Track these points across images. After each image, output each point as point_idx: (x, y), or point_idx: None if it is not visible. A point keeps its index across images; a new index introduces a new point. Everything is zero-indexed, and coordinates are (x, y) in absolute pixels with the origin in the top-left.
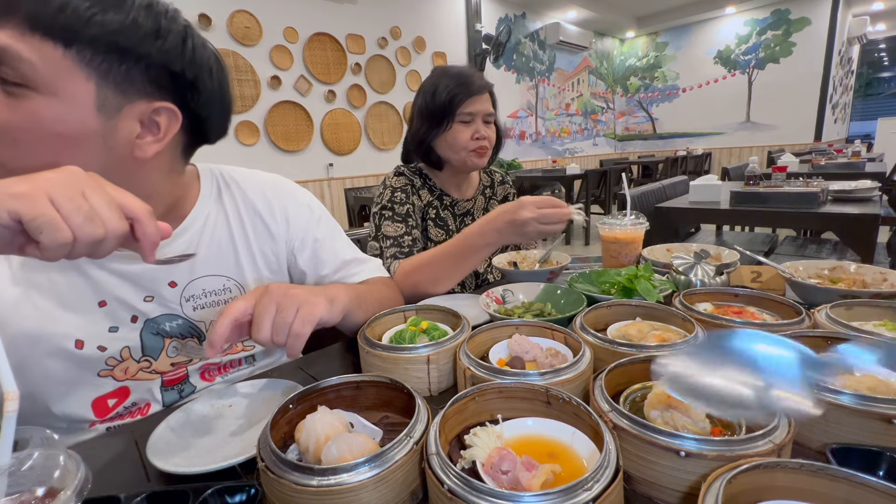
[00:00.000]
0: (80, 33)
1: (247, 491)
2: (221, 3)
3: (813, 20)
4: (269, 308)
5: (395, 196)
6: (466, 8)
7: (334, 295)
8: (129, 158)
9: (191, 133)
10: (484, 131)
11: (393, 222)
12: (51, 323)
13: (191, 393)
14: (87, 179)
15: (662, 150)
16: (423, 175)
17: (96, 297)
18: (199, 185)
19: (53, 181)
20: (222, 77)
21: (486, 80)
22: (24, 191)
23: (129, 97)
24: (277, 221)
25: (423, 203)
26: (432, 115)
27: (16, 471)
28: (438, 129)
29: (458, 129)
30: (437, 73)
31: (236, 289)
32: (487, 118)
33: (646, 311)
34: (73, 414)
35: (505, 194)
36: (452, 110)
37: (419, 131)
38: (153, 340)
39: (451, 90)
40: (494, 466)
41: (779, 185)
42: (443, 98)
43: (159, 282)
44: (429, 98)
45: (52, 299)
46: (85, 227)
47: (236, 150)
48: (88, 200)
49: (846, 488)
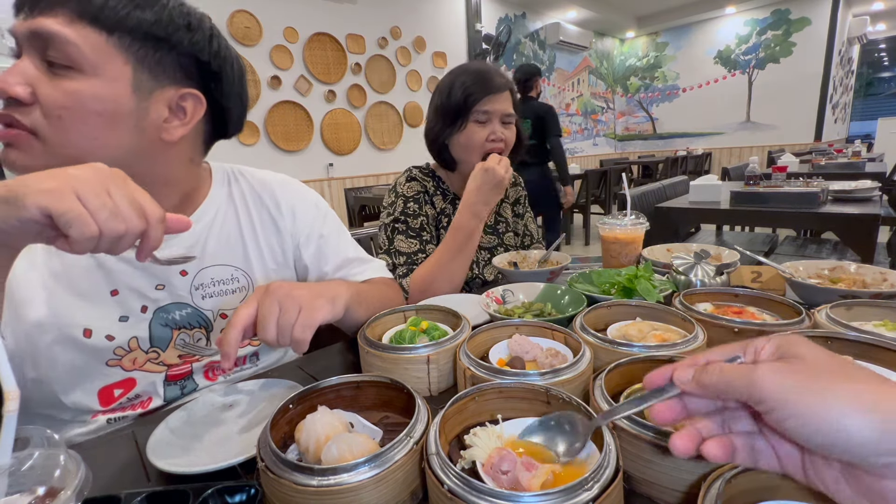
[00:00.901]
0: (122, 23)
1: (247, 491)
2: (221, 3)
3: (813, 20)
4: (273, 309)
5: (408, 207)
6: (466, 8)
7: (335, 293)
8: (157, 141)
9: (212, 123)
10: (501, 132)
11: (407, 238)
12: (62, 310)
13: (193, 390)
14: (111, 177)
15: (662, 150)
16: (437, 177)
17: (109, 286)
18: (211, 180)
19: (80, 178)
20: (242, 73)
21: (507, 77)
22: (52, 187)
23: (161, 82)
24: (284, 217)
25: (436, 211)
26: (446, 114)
27: (16, 471)
28: (452, 129)
29: (473, 128)
30: (456, 71)
31: (244, 278)
32: (506, 119)
33: (646, 311)
34: (80, 402)
35: (517, 196)
36: (467, 109)
37: (433, 129)
38: (162, 331)
39: (468, 87)
40: (494, 466)
41: (779, 185)
42: (458, 96)
43: (171, 271)
44: (444, 95)
45: (67, 287)
46: (109, 222)
47: (236, 149)
48: (112, 198)
49: None
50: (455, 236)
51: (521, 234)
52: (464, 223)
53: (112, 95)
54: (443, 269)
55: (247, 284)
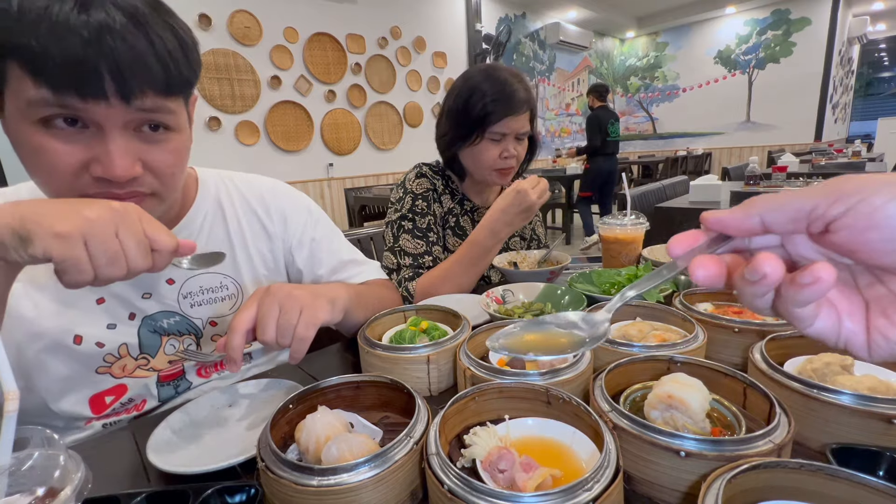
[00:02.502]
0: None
1: (247, 491)
2: (221, 3)
3: (813, 20)
4: (273, 310)
5: (416, 205)
6: (466, 8)
7: (335, 295)
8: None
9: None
10: (513, 149)
11: (413, 237)
12: (49, 318)
13: (187, 389)
14: (123, 215)
15: (662, 150)
16: (446, 176)
17: (94, 295)
18: (197, 186)
19: (93, 221)
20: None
21: (530, 93)
22: (63, 231)
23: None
24: (274, 222)
25: (444, 210)
26: (460, 125)
27: (16, 471)
28: (465, 142)
29: (486, 146)
30: (476, 77)
31: (233, 286)
32: (521, 135)
33: (646, 311)
34: (71, 411)
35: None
36: (484, 127)
37: (445, 136)
38: (151, 338)
39: (487, 105)
40: (493, 464)
41: (779, 185)
42: (476, 111)
43: (157, 279)
44: (461, 104)
45: (51, 295)
46: (106, 269)
47: (236, 149)
48: (121, 240)
49: (846, 488)
50: (469, 251)
51: (528, 239)
52: (481, 240)
53: (190, 139)
54: (452, 281)
55: (236, 292)
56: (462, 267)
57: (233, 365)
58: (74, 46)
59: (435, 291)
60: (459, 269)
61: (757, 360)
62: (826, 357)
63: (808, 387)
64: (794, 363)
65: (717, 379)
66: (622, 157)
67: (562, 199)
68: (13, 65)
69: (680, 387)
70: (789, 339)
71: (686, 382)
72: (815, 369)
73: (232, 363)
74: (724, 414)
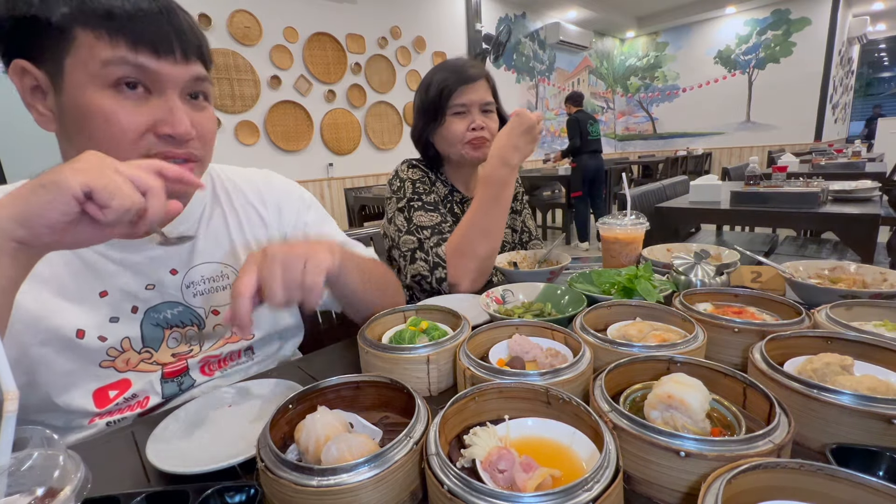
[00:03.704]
0: (211, 58)
1: (247, 491)
2: (221, 3)
3: (813, 20)
4: (275, 271)
5: (417, 187)
6: (466, 8)
7: (329, 244)
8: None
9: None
10: (481, 121)
11: (426, 212)
12: (52, 312)
13: (190, 386)
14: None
15: (662, 150)
16: (434, 168)
17: (98, 288)
18: None
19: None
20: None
21: (482, 67)
22: (87, 167)
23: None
24: (269, 210)
25: (440, 197)
26: (426, 110)
27: (16, 471)
28: (434, 124)
29: (452, 121)
30: (434, 69)
31: (233, 275)
32: (486, 108)
33: (646, 311)
34: (74, 405)
35: (514, 192)
36: (444, 102)
37: (416, 127)
38: (153, 332)
39: (442, 82)
40: (492, 464)
41: (779, 185)
42: (434, 91)
43: (161, 270)
44: (423, 93)
45: (54, 289)
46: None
47: (236, 150)
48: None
49: (846, 488)
50: (487, 189)
51: (518, 231)
52: (493, 172)
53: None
54: (477, 225)
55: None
56: (484, 208)
57: (243, 331)
58: (151, 8)
59: (465, 245)
60: (482, 211)
61: (757, 360)
62: (826, 357)
63: (808, 387)
64: (794, 363)
65: (717, 379)
66: (622, 158)
67: (561, 199)
68: (85, 32)
69: (680, 387)
70: (789, 339)
71: (686, 382)
72: (815, 369)
73: (242, 329)
74: (723, 414)
